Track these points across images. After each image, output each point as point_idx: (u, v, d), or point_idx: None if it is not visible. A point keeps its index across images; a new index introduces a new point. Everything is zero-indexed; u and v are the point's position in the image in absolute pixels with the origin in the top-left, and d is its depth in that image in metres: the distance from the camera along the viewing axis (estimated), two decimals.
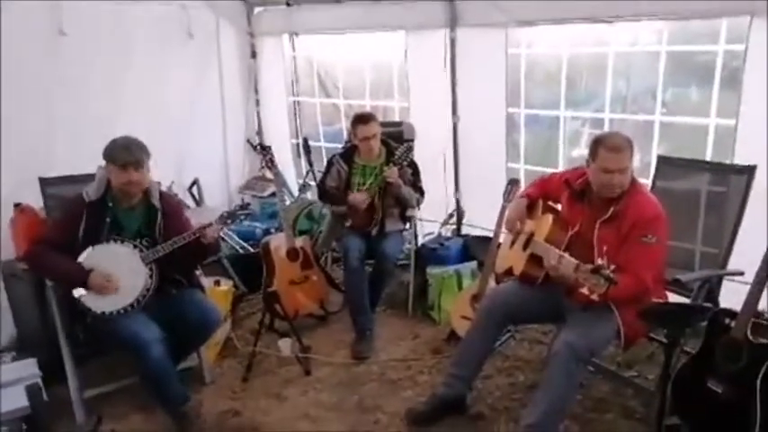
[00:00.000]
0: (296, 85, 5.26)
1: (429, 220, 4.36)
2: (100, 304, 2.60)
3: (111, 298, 2.61)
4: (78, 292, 2.61)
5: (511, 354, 3.28)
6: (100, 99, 3.98)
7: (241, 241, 4.41)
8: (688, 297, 2.60)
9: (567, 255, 2.30)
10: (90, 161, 2.81)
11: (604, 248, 2.25)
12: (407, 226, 3.84)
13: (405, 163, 3.53)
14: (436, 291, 3.73)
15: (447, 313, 3.61)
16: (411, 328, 3.68)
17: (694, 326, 2.32)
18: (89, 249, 2.64)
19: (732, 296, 2.50)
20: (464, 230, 4.39)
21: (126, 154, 2.61)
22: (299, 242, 3.68)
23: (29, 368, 2.71)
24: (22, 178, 3.31)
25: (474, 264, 3.89)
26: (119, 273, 2.64)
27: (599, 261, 2.12)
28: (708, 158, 3.20)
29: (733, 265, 2.65)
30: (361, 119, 3.57)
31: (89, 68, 3.91)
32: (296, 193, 5.04)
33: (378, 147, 3.60)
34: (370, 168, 3.62)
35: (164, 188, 2.96)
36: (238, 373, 3.20)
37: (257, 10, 5.05)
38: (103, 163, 2.68)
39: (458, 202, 4.38)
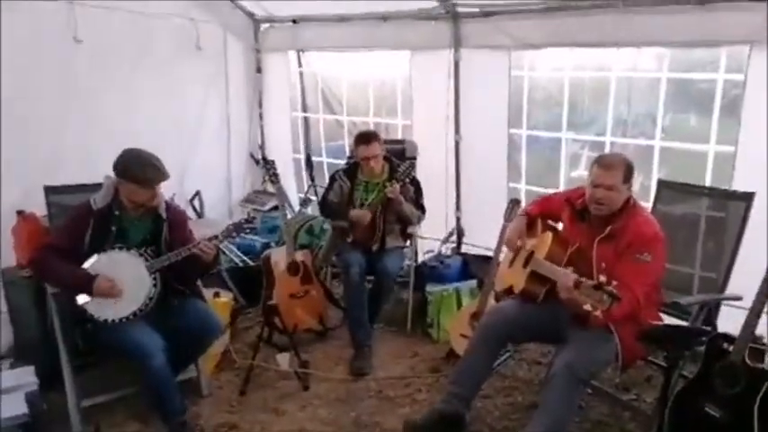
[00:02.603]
0: (300, 101, 5.31)
1: (429, 238, 4.38)
2: (103, 312, 2.61)
3: (114, 306, 2.62)
4: (82, 298, 2.61)
5: (510, 374, 3.28)
6: (111, 107, 4.02)
7: (240, 254, 4.42)
8: (686, 320, 2.62)
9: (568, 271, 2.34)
10: (98, 170, 2.83)
11: (603, 266, 2.29)
12: (408, 243, 3.86)
13: (407, 180, 3.56)
14: (435, 309, 3.74)
15: (446, 331, 3.62)
16: (410, 345, 3.68)
17: (693, 349, 2.34)
18: (95, 256, 2.65)
19: (729, 321, 2.53)
20: (464, 249, 4.41)
21: (153, 174, 2.64)
22: (300, 256, 3.69)
23: (27, 376, 2.69)
24: (28, 186, 3.33)
25: (473, 282, 3.91)
26: (123, 280, 2.65)
27: (601, 278, 2.14)
28: (707, 184, 3.24)
29: (731, 290, 2.67)
30: (363, 139, 3.58)
31: (100, 77, 3.95)
32: (297, 208, 5.06)
33: (380, 165, 3.63)
34: (373, 185, 3.65)
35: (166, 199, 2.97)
36: (236, 386, 3.19)
37: (264, 26, 5.12)
38: (111, 172, 2.69)
39: (458, 220, 4.40)
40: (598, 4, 3.38)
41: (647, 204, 2.98)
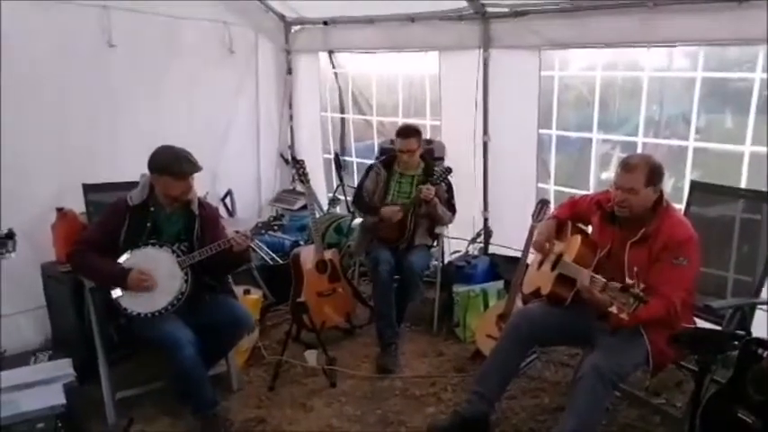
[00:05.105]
0: (332, 101, 5.34)
1: (456, 238, 4.37)
2: (136, 305, 2.68)
3: (147, 300, 2.69)
4: (116, 292, 2.69)
5: (537, 375, 3.26)
6: (144, 109, 4.11)
7: (270, 252, 4.48)
8: (719, 324, 2.58)
9: (595, 275, 2.31)
10: (131, 170, 2.91)
11: (635, 270, 2.26)
12: (435, 243, 3.87)
13: (443, 183, 3.62)
14: (462, 309, 3.74)
15: (472, 332, 3.62)
16: (436, 345, 3.69)
17: (726, 353, 2.29)
18: (128, 252, 2.72)
19: (764, 325, 2.47)
20: (491, 249, 4.39)
21: (186, 166, 2.71)
22: (328, 255, 3.73)
23: (65, 367, 2.77)
24: (65, 184, 3.45)
25: (501, 283, 3.89)
26: (156, 275, 2.72)
27: (628, 281, 2.12)
28: (742, 186, 3.17)
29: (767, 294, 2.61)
30: (402, 132, 3.71)
31: (134, 80, 4.05)
32: (325, 207, 5.11)
33: (416, 159, 3.72)
34: (408, 177, 3.74)
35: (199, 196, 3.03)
36: (265, 381, 3.24)
37: (295, 28, 5.18)
38: (145, 171, 2.77)
39: (486, 220, 4.39)
40: (629, 2, 3.34)
41: (680, 206, 2.92)
